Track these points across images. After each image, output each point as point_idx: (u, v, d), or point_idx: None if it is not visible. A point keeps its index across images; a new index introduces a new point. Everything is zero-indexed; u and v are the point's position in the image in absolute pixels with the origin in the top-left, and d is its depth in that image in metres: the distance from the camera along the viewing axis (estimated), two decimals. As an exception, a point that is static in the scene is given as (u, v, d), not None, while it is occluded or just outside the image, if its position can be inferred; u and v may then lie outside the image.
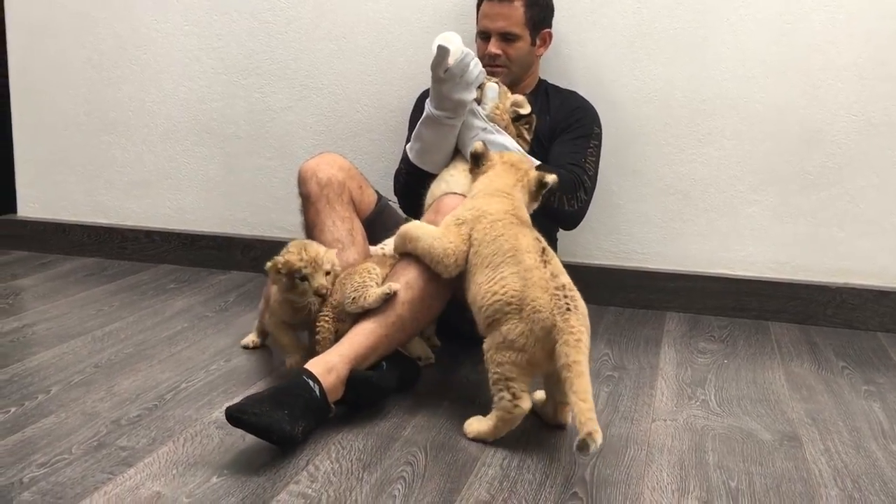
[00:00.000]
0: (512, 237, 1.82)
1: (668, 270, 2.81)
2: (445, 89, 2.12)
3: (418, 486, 1.59)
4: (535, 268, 1.77)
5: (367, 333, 1.92)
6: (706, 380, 2.19)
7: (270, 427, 1.66)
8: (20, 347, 2.27)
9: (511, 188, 1.96)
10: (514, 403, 1.73)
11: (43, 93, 3.29)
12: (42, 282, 2.94)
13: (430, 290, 1.96)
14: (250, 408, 1.67)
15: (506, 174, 1.99)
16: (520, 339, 1.72)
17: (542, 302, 1.72)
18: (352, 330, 1.94)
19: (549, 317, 1.70)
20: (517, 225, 1.86)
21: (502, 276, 1.78)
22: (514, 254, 1.80)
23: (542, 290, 1.73)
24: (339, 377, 1.85)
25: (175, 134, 3.18)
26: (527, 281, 1.75)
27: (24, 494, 1.51)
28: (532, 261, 1.78)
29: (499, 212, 1.88)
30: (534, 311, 1.72)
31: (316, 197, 2.19)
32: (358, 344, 1.91)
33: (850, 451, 1.80)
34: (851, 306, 2.68)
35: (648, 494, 1.59)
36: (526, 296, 1.73)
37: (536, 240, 1.84)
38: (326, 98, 3.00)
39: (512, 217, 1.88)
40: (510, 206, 1.91)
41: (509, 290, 1.75)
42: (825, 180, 2.67)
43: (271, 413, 1.68)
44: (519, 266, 1.78)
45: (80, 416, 1.85)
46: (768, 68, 2.65)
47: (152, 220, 3.26)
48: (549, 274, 1.76)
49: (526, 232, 1.85)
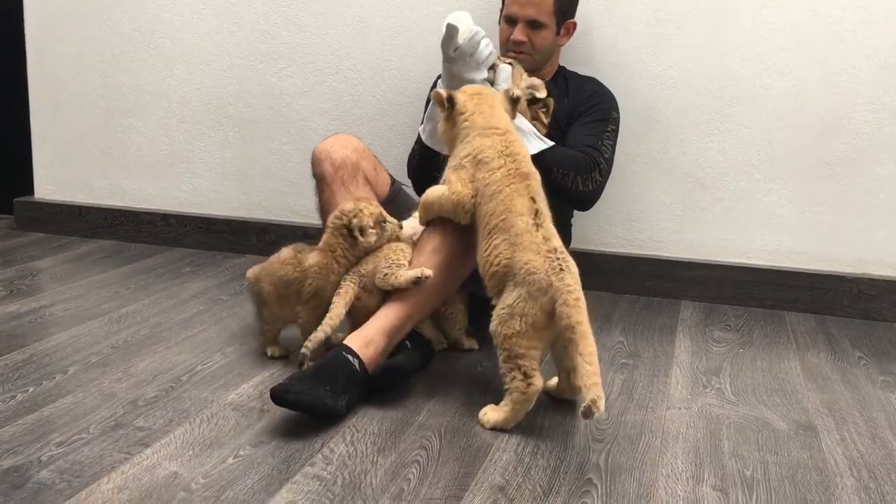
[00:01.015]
0: (507, 198, 1.82)
1: (684, 259, 2.80)
2: (456, 68, 2.11)
3: (433, 470, 1.59)
4: (526, 231, 1.78)
5: (400, 304, 1.94)
6: (721, 369, 2.18)
7: (314, 403, 1.72)
8: (38, 328, 2.29)
9: (497, 120, 1.94)
10: (527, 383, 1.74)
11: (60, 76, 3.30)
12: (59, 263, 2.96)
13: (456, 253, 1.96)
14: (293, 387, 1.73)
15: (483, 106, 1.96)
16: (519, 303, 1.73)
17: (536, 263, 1.74)
18: (386, 303, 1.96)
19: (545, 277, 1.72)
20: (514, 180, 1.84)
21: (495, 245, 1.80)
22: (506, 216, 1.80)
23: (534, 252, 1.75)
24: (377, 349, 1.88)
25: (191, 118, 3.19)
26: (517, 245, 1.77)
27: (43, 473, 1.53)
28: (524, 224, 1.79)
29: (494, 157, 1.86)
30: (528, 273, 1.74)
31: (330, 178, 2.19)
32: (393, 315, 1.93)
33: (867, 441, 1.79)
34: (868, 297, 2.66)
35: (663, 481, 1.59)
36: (517, 260, 1.75)
37: (531, 199, 1.82)
38: (342, 83, 3.00)
39: (509, 164, 1.85)
40: (503, 145, 1.88)
41: (501, 259, 1.78)
42: (844, 169, 2.65)
43: (313, 390, 1.73)
44: (509, 232, 1.79)
45: (98, 397, 1.87)
46: (788, 55, 2.63)
47: (168, 204, 3.28)
48: (541, 237, 1.78)
49: (521, 190, 1.83)
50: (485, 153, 1.88)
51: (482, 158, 1.88)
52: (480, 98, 1.98)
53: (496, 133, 1.91)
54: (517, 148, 1.91)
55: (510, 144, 1.90)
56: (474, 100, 1.97)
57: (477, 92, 2.00)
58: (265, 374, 2.01)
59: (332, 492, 1.50)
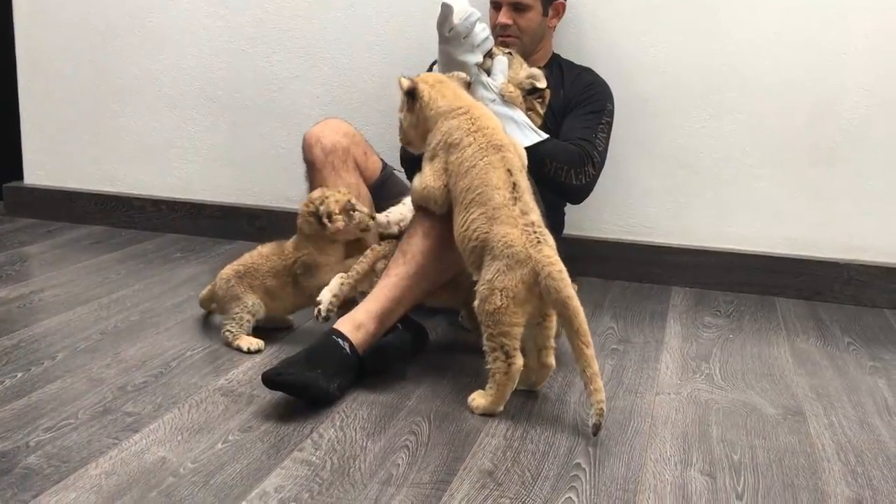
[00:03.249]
0: (482, 171, 1.81)
1: (675, 245, 2.80)
2: (450, 49, 2.11)
3: (422, 455, 1.59)
4: (503, 205, 1.77)
5: (390, 287, 1.93)
6: (711, 354, 2.19)
7: (306, 385, 1.73)
8: (27, 314, 2.28)
9: (459, 101, 1.93)
10: (508, 363, 1.75)
11: (49, 61, 3.28)
12: (49, 249, 2.94)
13: (447, 237, 1.94)
14: (285, 370, 1.74)
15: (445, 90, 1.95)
16: (498, 277, 1.73)
17: (513, 236, 1.74)
18: (375, 287, 1.95)
19: (522, 249, 1.73)
20: (487, 152, 1.83)
21: (472, 220, 1.79)
22: (482, 190, 1.79)
23: (512, 226, 1.75)
24: (368, 333, 1.88)
25: (181, 102, 3.17)
26: (494, 219, 1.76)
27: (31, 458, 1.52)
28: (501, 198, 1.78)
29: (463, 137, 1.85)
30: (505, 246, 1.74)
31: (321, 163, 2.19)
32: (383, 297, 1.92)
33: (854, 426, 1.80)
34: (859, 283, 2.66)
35: (651, 466, 1.59)
36: (495, 233, 1.75)
37: (507, 171, 1.81)
38: (334, 68, 2.98)
39: (479, 139, 1.84)
40: (469, 122, 1.87)
41: (479, 234, 1.78)
42: (836, 156, 2.65)
43: (305, 373, 1.73)
44: (487, 206, 1.78)
45: (86, 382, 1.86)
46: (780, 41, 2.62)
47: (158, 189, 3.26)
48: (519, 211, 1.77)
49: (496, 162, 1.82)
50: (453, 135, 1.87)
51: (451, 141, 1.87)
52: (442, 84, 1.98)
53: (460, 113, 1.90)
54: (485, 122, 1.89)
55: (477, 120, 1.88)
56: (436, 87, 1.96)
57: (438, 80, 1.99)
58: (255, 360, 2.01)
59: (321, 477, 1.50)
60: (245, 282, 2.10)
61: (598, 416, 1.66)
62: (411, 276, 1.94)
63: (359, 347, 1.86)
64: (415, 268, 1.94)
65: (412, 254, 1.95)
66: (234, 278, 2.11)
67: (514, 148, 1.90)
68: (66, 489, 1.42)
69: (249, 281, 2.10)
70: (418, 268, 1.94)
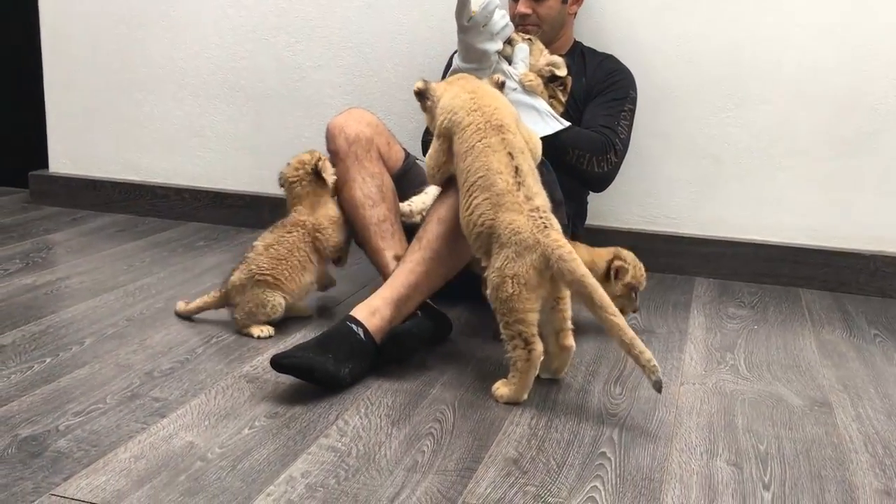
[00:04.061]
0: (482, 153, 1.80)
1: (699, 235, 2.78)
2: (469, 39, 2.10)
3: (447, 443, 1.60)
4: (507, 191, 1.76)
5: (406, 273, 1.93)
6: (736, 345, 2.18)
7: (313, 366, 1.73)
8: (54, 300, 2.31)
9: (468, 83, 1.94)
10: (528, 350, 1.74)
11: (74, 50, 3.30)
12: (74, 237, 2.97)
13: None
14: (293, 353, 1.75)
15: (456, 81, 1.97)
16: (508, 265, 1.73)
17: (520, 223, 1.73)
18: (392, 274, 1.96)
19: (531, 235, 1.72)
20: (486, 133, 1.81)
21: (476, 205, 1.78)
22: (485, 174, 1.78)
23: (517, 212, 1.74)
24: (383, 319, 1.88)
25: (204, 91, 3.18)
26: (500, 206, 1.75)
27: (61, 441, 1.54)
28: (504, 183, 1.76)
29: (464, 115, 1.84)
30: (513, 234, 1.73)
31: (344, 153, 2.19)
32: (399, 283, 1.92)
33: (882, 417, 1.79)
34: (885, 274, 2.64)
35: (677, 456, 1.59)
36: (501, 220, 1.74)
37: (508, 155, 1.79)
38: (356, 57, 2.98)
39: (477, 118, 1.83)
40: (470, 100, 1.86)
41: (485, 220, 1.77)
42: (862, 146, 2.62)
43: (314, 356, 1.74)
44: (490, 191, 1.77)
45: (114, 368, 1.88)
46: (807, 30, 2.59)
47: (181, 178, 3.28)
48: (523, 196, 1.76)
49: (496, 145, 1.80)
50: (456, 113, 1.87)
51: (455, 119, 1.86)
52: (452, 80, 1.98)
53: (464, 91, 1.90)
54: (486, 101, 1.87)
55: (478, 98, 1.87)
56: (449, 81, 1.97)
57: (458, 77, 2.00)
58: (280, 347, 2.01)
59: (347, 463, 1.51)
60: (263, 284, 2.09)
61: (653, 373, 1.66)
62: (427, 262, 1.94)
63: (374, 334, 1.86)
64: (430, 253, 1.94)
65: (428, 240, 1.95)
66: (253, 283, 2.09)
67: (517, 128, 1.87)
68: (95, 472, 1.44)
69: (269, 280, 2.09)
70: (434, 254, 1.94)
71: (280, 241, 2.14)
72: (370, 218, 2.15)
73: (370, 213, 2.15)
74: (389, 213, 2.16)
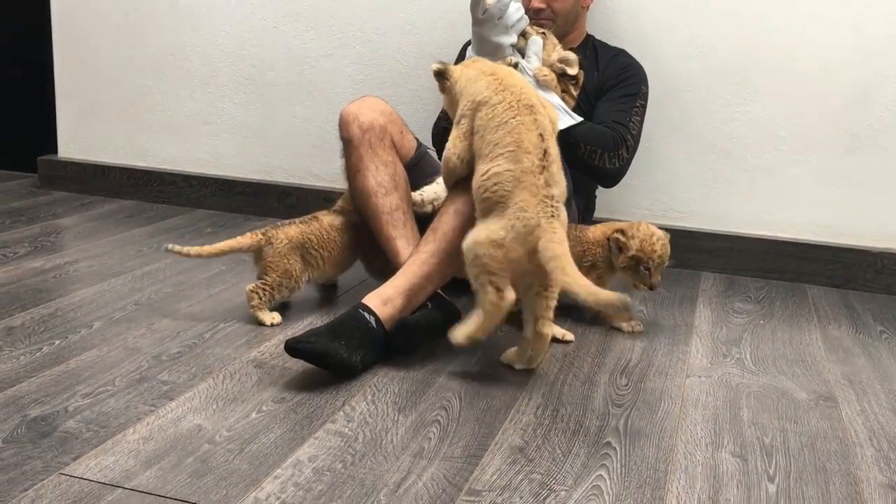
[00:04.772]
0: (514, 129, 1.79)
1: (707, 230, 2.78)
2: (484, 32, 2.10)
3: (453, 430, 1.60)
4: (530, 172, 1.75)
5: (419, 264, 1.94)
6: (741, 339, 2.18)
7: (328, 352, 1.74)
8: (62, 283, 2.32)
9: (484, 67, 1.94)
10: (500, 295, 1.75)
11: (84, 36, 3.30)
12: (83, 222, 2.98)
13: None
14: (307, 338, 1.75)
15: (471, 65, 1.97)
16: (499, 232, 1.74)
17: (530, 203, 1.73)
18: (405, 264, 1.96)
19: (534, 216, 1.72)
20: (518, 112, 1.81)
21: (497, 173, 1.77)
22: (514, 149, 1.78)
23: (532, 194, 1.74)
24: (395, 308, 1.89)
25: (214, 79, 3.18)
26: (519, 183, 1.75)
27: (70, 422, 1.55)
28: (529, 163, 1.76)
29: (492, 95, 1.84)
30: (520, 210, 1.74)
31: (358, 141, 2.19)
32: (412, 274, 1.93)
33: (887, 412, 1.79)
34: (892, 271, 2.64)
35: (682, 447, 1.59)
36: (515, 196, 1.75)
37: (539, 136, 1.79)
38: (366, 46, 2.98)
39: (508, 97, 1.83)
40: (496, 82, 1.86)
41: (500, 191, 1.76)
42: (872, 143, 2.61)
43: (327, 343, 1.75)
44: (516, 166, 1.76)
45: (122, 351, 1.89)
46: (818, 25, 2.59)
47: (190, 165, 3.29)
48: (543, 181, 1.75)
49: (529, 124, 1.80)
50: (482, 94, 1.87)
51: (480, 100, 1.86)
52: (470, 62, 1.98)
53: (486, 75, 1.90)
54: (512, 80, 1.88)
55: (503, 79, 1.88)
56: (466, 65, 1.97)
57: (474, 60, 2.00)
58: (287, 334, 2.02)
59: (354, 448, 1.52)
60: (300, 253, 2.13)
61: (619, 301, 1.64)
62: (440, 254, 1.95)
63: (386, 322, 1.87)
64: (444, 245, 1.94)
65: (442, 231, 1.95)
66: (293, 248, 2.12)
67: (544, 109, 1.87)
68: (104, 453, 1.45)
69: (308, 253, 2.14)
70: (448, 245, 1.94)
71: (344, 227, 2.21)
72: (382, 206, 2.15)
73: (383, 202, 2.15)
74: (402, 203, 2.16)
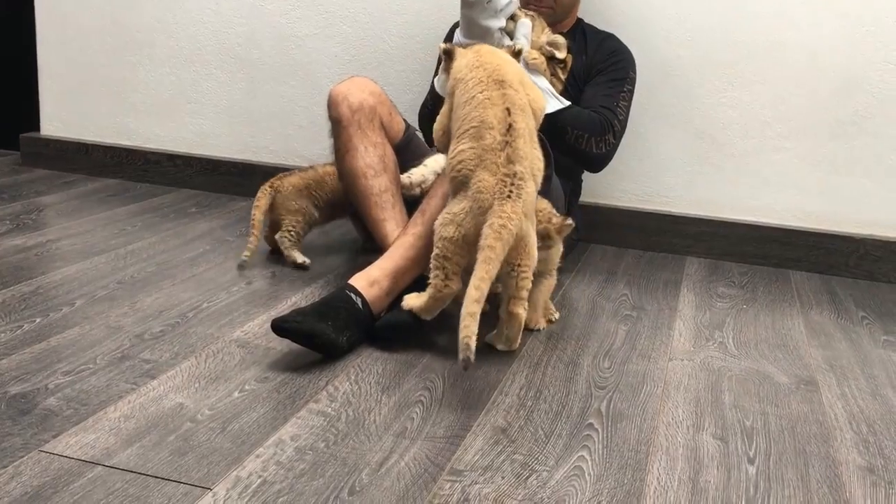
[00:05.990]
0: (480, 105, 1.78)
1: (691, 215, 2.79)
2: (473, 14, 2.09)
3: (436, 410, 1.61)
4: (491, 150, 1.75)
5: (406, 246, 1.94)
6: (724, 323, 2.19)
7: (314, 332, 1.73)
8: (44, 261, 2.30)
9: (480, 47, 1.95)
10: (445, 283, 1.78)
11: (67, 12, 3.26)
12: (65, 200, 2.95)
13: None
14: (293, 318, 1.74)
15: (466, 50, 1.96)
16: (460, 215, 1.75)
17: (487, 184, 1.73)
18: (392, 245, 1.96)
19: (489, 198, 1.72)
20: (487, 87, 1.80)
21: (462, 150, 1.78)
22: (478, 125, 1.77)
23: (491, 173, 1.74)
24: (381, 289, 1.89)
25: (199, 57, 3.15)
26: (481, 162, 1.75)
27: (50, 400, 1.54)
28: (491, 139, 1.75)
29: (468, 72, 1.85)
30: (478, 192, 1.74)
31: (347, 121, 2.17)
32: (398, 256, 1.94)
33: (867, 396, 1.81)
34: (874, 258, 2.66)
35: (663, 429, 1.60)
36: (476, 176, 1.75)
37: (506, 110, 1.77)
38: (353, 27, 2.96)
39: (479, 73, 1.83)
40: (474, 58, 1.87)
41: (463, 169, 1.77)
42: (857, 130, 2.62)
43: (314, 323, 1.74)
44: (478, 143, 1.76)
45: (104, 329, 1.88)
46: (807, 12, 2.59)
47: (174, 144, 3.26)
48: (505, 158, 1.74)
49: (496, 98, 1.78)
50: (460, 71, 1.87)
51: (459, 77, 1.87)
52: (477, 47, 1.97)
53: (470, 52, 1.91)
54: (488, 58, 1.87)
55: (481, 56, 1.88)
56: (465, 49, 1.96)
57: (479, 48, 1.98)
58: (271, 314, 2.02)
59: (337, 427, 1.51)
60: (307, 193, 2.36)
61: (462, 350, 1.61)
62: (427, 237, 1.94)
63: (372, 304, 1.87)
64: (431, 228, 1.94)
65: (430, 214, 1.95)
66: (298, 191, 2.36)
67: (522, 87, 1.85)
68: (85, 430, 1.44)
69: (311, 194, 2.37)
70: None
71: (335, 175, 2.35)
72: (371, 188, 2.14)
73: (371, 184, 2.14)
74: (391, 184, 2.15)
